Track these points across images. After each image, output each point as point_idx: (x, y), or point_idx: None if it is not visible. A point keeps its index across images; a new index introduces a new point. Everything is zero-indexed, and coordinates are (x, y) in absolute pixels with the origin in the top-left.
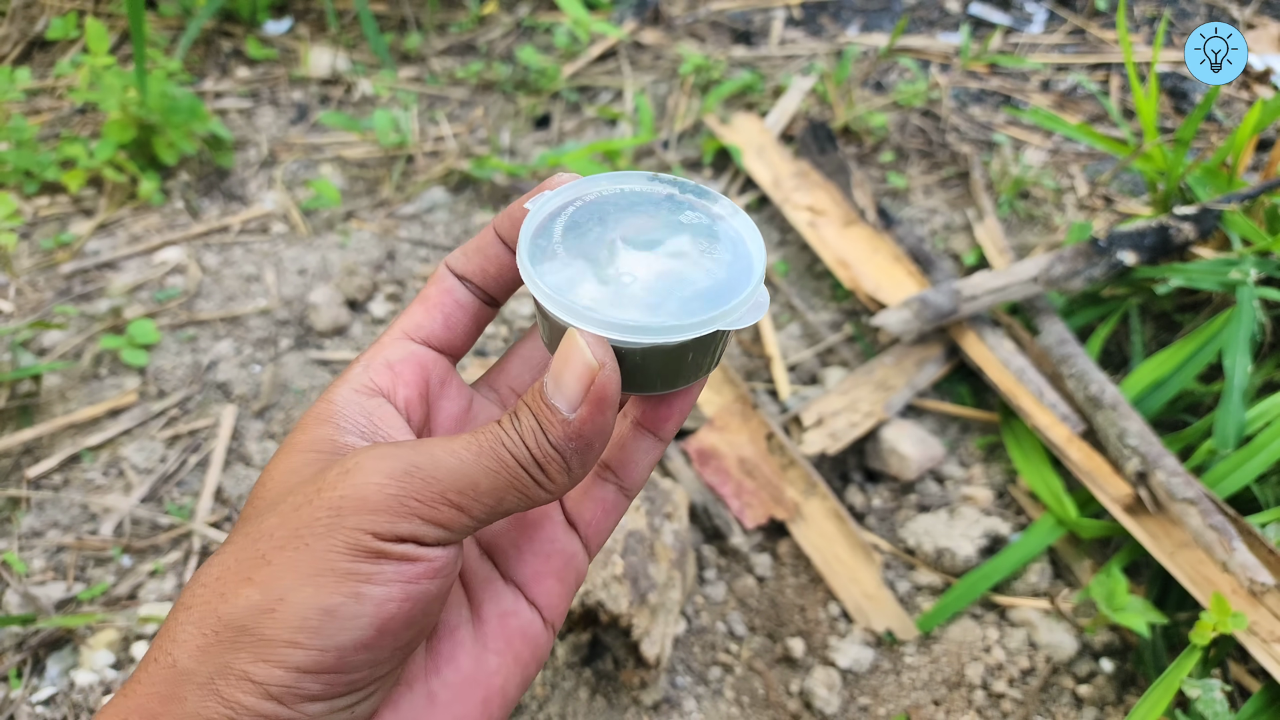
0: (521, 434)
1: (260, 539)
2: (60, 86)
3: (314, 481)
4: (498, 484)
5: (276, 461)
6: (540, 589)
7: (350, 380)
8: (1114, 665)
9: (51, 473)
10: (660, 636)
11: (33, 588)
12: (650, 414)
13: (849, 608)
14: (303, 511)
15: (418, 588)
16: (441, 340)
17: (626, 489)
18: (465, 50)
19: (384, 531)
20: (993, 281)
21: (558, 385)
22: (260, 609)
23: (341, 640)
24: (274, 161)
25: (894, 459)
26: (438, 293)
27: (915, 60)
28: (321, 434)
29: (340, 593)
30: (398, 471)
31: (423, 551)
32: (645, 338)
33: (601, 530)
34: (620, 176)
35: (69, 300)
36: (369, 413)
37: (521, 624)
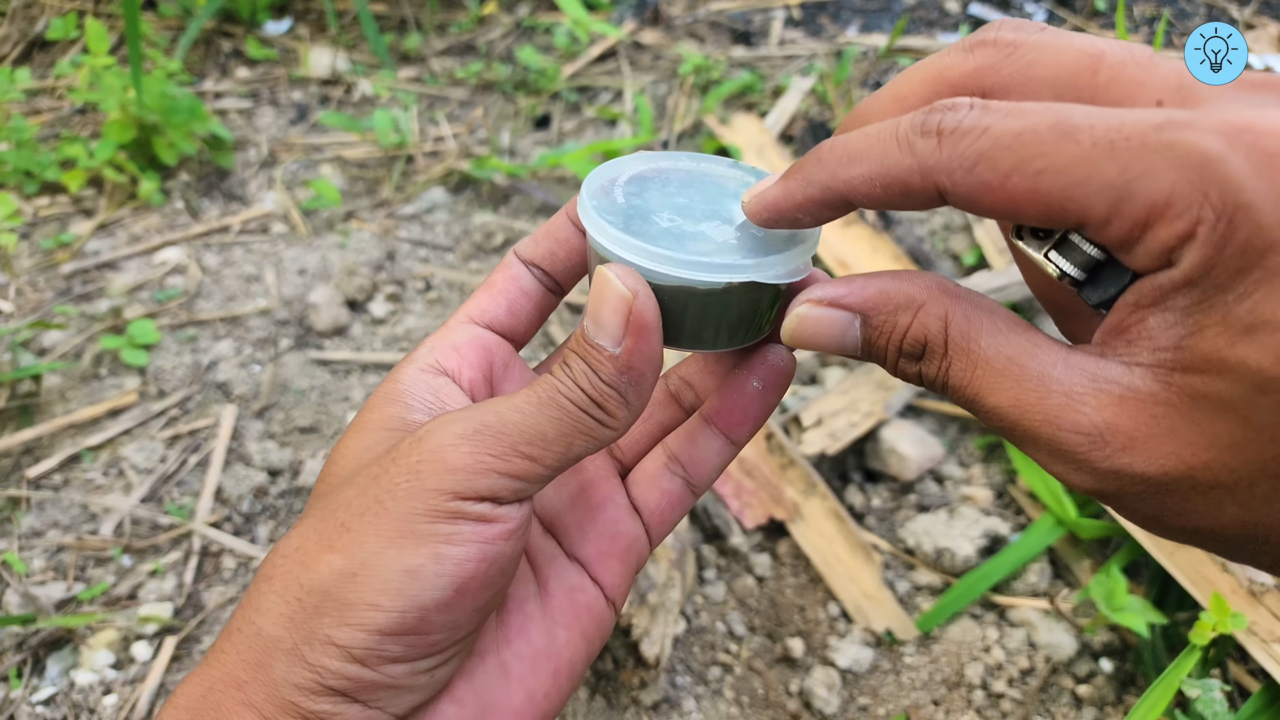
0: (575, 378)
1: (339, 509)
2: (60, 87)
3: (389, 453)
4: (564, 429)
5: (347, 440)
6: (604, 568)
7: (416, 360)
8: (1113, 665)
9: (51, 473)
10: (660, 636)
11: (33, 587)
12: (724, 414)
13: (849, 608)
14: (381, 480)
15: (494, 548)
16: (505, 326)
17: (694, 485)
18: (465, 50)
19: (464, 490)
20: (992, 282)
21: (598, 324)
22: (343, 574)
23: (423, 600)
24: (274, 162)
25: (893, 459)
26: (504, 279)
27: (915, 60)
28: (391, 412)
29: (421, 554)
30: (469, 431)
31: (498, 511)
32: (676, 270)
33: (665, 521)
34: (700, 157)
35: (69, 300)
36: (435, 390)
37: (588, 599)
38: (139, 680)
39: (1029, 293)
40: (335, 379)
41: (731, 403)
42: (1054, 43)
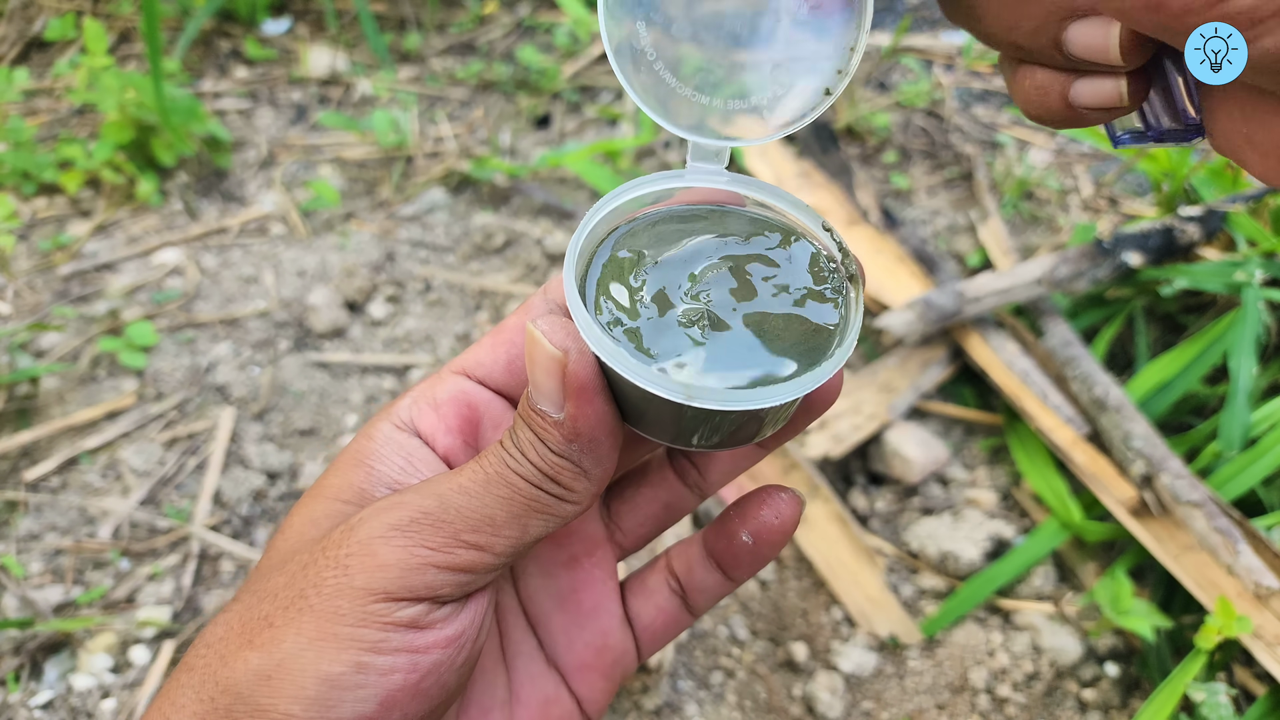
0: (523, 450)
1: (265, 598)
2: (58, 87)
3: (322, 540)
4: (516, 510)
5: (300, 508)
6: (584, 681)
7: (392, 415)
8: (1118, 669)
9: (49, 475)
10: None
11: (31, 591)
12: (723, 556)
13: (852, 612)
14: (309, 570)
15: (427, 658)
16: (500, 383)
17: (691, 609)
18: (465, 50)
19: (395, 589)
20: (997, 283)
21: (536, 387)
22: (259, 675)
23: (342, 713)
24: (273, 162)
25: (897, 462)
26: (514, 326)
27: (918, 60)
28: (350, 480)
29: (342, 661)
30: (404, 521)
31: (436, 615)
32: (643, 383)
33: (657, 638)
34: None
35: (67, 302)
36: (407, 454)
37: (562, 713)
38: (137, 684)
39: (1031, 294)
40: (334, 381)
41: (724, 548)
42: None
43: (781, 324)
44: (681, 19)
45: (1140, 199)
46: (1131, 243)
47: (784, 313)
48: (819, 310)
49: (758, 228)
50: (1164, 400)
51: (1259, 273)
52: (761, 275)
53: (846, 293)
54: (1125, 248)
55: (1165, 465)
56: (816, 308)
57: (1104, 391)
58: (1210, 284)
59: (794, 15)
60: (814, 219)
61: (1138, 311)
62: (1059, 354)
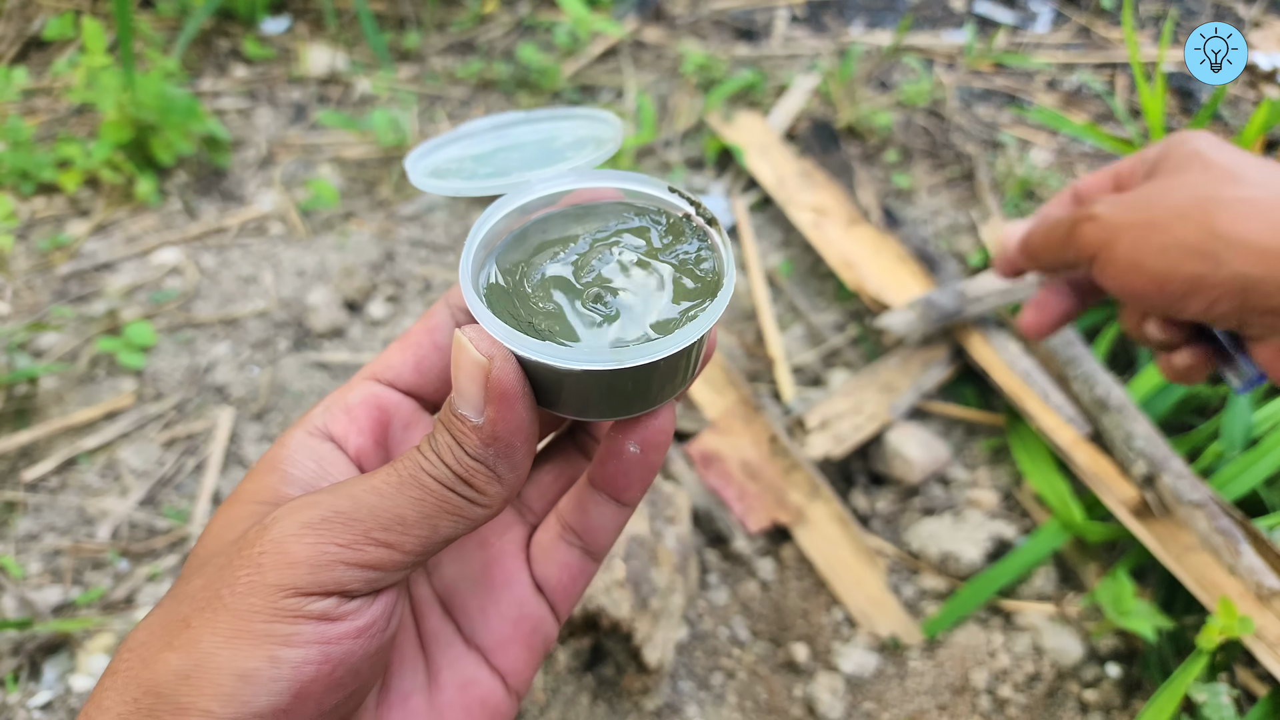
0: (439, 453)
1: (184, 601)
2: (57, 86)
3: (238, 541)
4: (426, 511)
5: (219, 514)
6: (505, 655)
7: (306, 424)
8: (1120, 670)
9: (48, 476)
10: (662, 642)
11: (29, 592)
12: (609, 481)
13: (854, 613)
14: (225, 572)
15: (339, 648)
16: (410, 384)
17: (593, 552)
18: (465, 49)
19: (305, 585)
20: (998, 283)
21: (459, 392)
22: (179, 675)
23: (257, 706)
24: (272, 162)
25: (898, 462)
26: (419, 331)
27: (920, 59)
28: (267, 484)
29: (256, 656)
30: (316, 519)
31: (346, 608)
32: (548, 358)
33: (569, 594)
34: (641, 180)
35: (66, 302)
36: (319, 459)
37: (483, 693)
38: None
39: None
40: (334, 381)
41: (614, 468)
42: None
43: (668, 282)
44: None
45: None
46: None
47: (667, 273)
48: (694, 261)
49: (620, 210)
50: (1166, 400)
51: None
52: (634, 247)
53: (710, 238)
54: None
55: (1167, 465)
56: (691, 261)
57: (1105, 391)
58: None
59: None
60: (660, 187)
61: None
62: (1060, 354)
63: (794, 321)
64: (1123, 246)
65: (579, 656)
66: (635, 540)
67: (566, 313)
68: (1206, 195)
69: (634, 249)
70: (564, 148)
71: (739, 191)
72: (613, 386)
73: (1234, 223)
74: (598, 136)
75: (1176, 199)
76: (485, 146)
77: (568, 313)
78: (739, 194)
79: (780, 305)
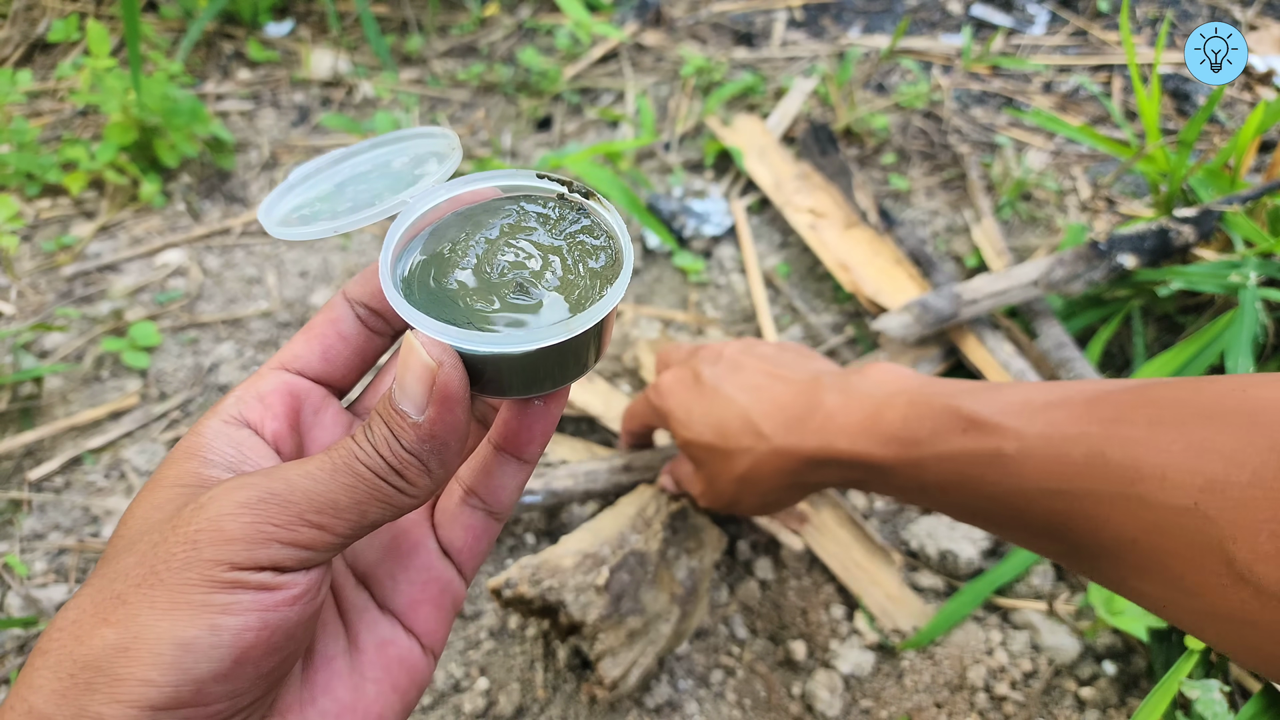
0: (375, 444)
1: (116, 579)
2: (62, 89)
3: (171, 519)
4: (358, 497)
5: (140, 499)
6: (418, 617)
7: (219, 413)
8: (1116, 668)
9: (53, 475)
10: (628, 662)
11: (34, 590)
12: (510, 437)
13: (874, 611)
14: (159, 549)
15: (277, 615)
16: (318, 372)
17: (496, 513)
18: (467, 52)
19: (242, 561)
20: (994, 285)
21: (403, 390)
22: (116, 648)
23: (198, 673)
24: (275, 163)
25: None
26: (323, 322)
27: (917, 62)
28: (187, 468)
29: (196, 625)
30: (252, 500)
31: (282, 579)
32: (485, 346)
33: (475, 554)
34: (511, 174)
35: (70, 303)
36: (237, 444)
37: (400, 652)
38: None
39: (1027, 296)
40: None
41: (518, 425)
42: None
43: (569, 259)
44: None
45: (1139, 200)
46: (1126, 245)
47: (565, 250)
48: (585, 236)
49: (501, 206)
50: None
51: (1254, 274)
52: (527, 236)
53: (593, 211)
54: (1120, 250)
55: None
56: (582, 235)
57: None
58: (1207, 285)
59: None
60: (529, 176)
61: (1135, 311)
62: (1053, 356)
63: (792, 323)
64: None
65: (580, 654)
66: (635, 555)
67: (482, 305)
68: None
69: (527, 236)
70: (406, 167)
71: (738, 194)
72: (530, 366)
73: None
74: (434, 152)
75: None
76: (324, 188)
77: (483, 304)
78: (737, 196)
79: (779, 306)
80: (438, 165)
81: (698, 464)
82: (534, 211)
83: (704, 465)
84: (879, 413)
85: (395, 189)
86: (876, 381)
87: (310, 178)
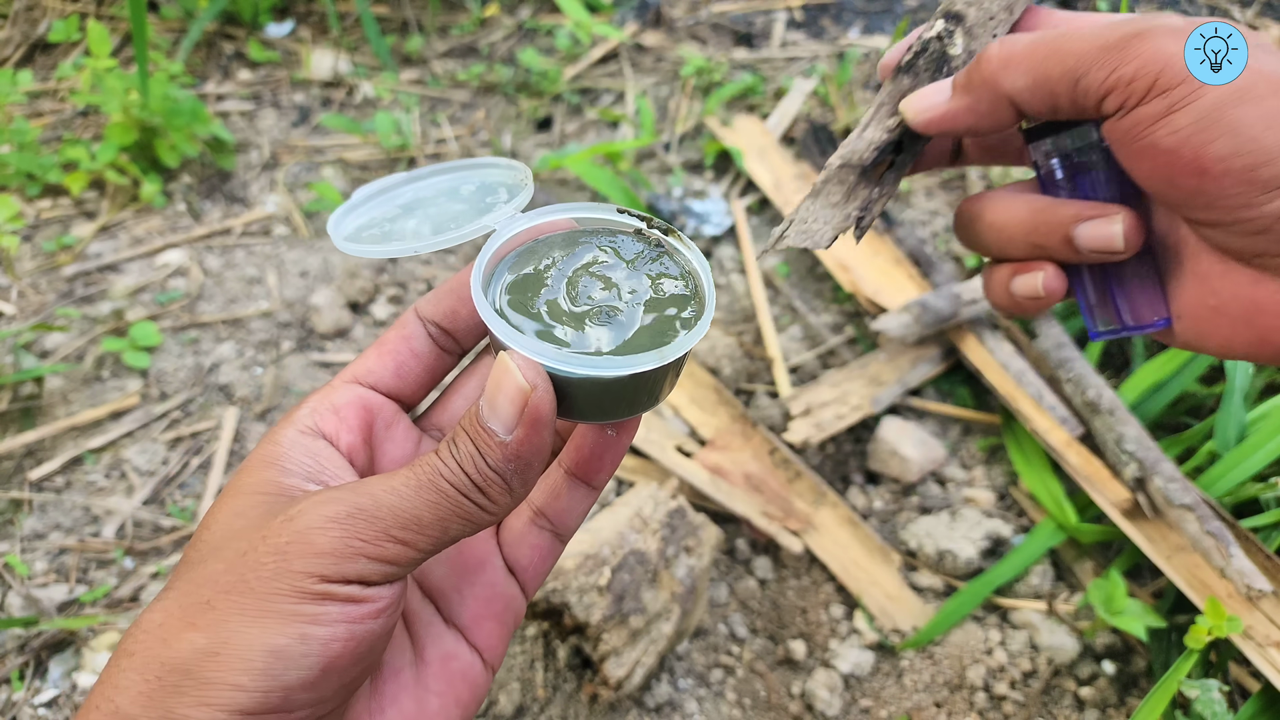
0: (460, 460)
1: (204, 584)
2: (62, 89)
3: (259, 528)
4: (440, 514)
5: (221, 505)
6: (481, 632)
7: (295, 422)
8: (1116, 667)
9: (54, 475)
10: (632, 662)
11: (35, 590)
12: (582, 464)
13: (873, 611)
14: (248, 557)
15: (363, 627)
16: (390, 387)
17: (561, 535)
18: (467, 52)
19: (331, 574)
20: None
21: (493, 409)
22: (204, 653)
23: (287, 680)
24: (276, 164)
25: (895, 461)
26: (395, 339)
27: None
28: (266, 476)
29: (286, 634)
30: (341, 514)
31: (368, 592)
32: (579, 368)
33: (538, 574)
34: (592, 208)
35: (71, 303)
36: (314, 454)
37: (463, 666)
38: None
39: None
40: None
41: (590, 452)
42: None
43: (653, 290)
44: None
45: None
46: None
47: (644, 283)
48: (665, 270)
49: (580, 238)
50: (1160, 400)
51: None
52: (608, 269)
53: (670, 248)
54: None
55: (1158, 468)
56: (661, 270)
57: (1097, 394)
58: None
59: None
60: (609, 210)
61: None
62: (1052, 356)
63: (792, 323)
64: (1208, 99)
65: (580, 653)
66: (636, 555)
67: (564, 331)
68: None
69: (608, 269)
70: (475, 195)
71: (737, 194)
72: (616, 392)
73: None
74: (503, 182)
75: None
76: (388, 209)
77: (566, 331)
78: (737, 196)
79: (778, 306)
80: (508, 194)
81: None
82: (613, 245)
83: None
84: None
85: (469, 215)
86: None
87: (373, 198)
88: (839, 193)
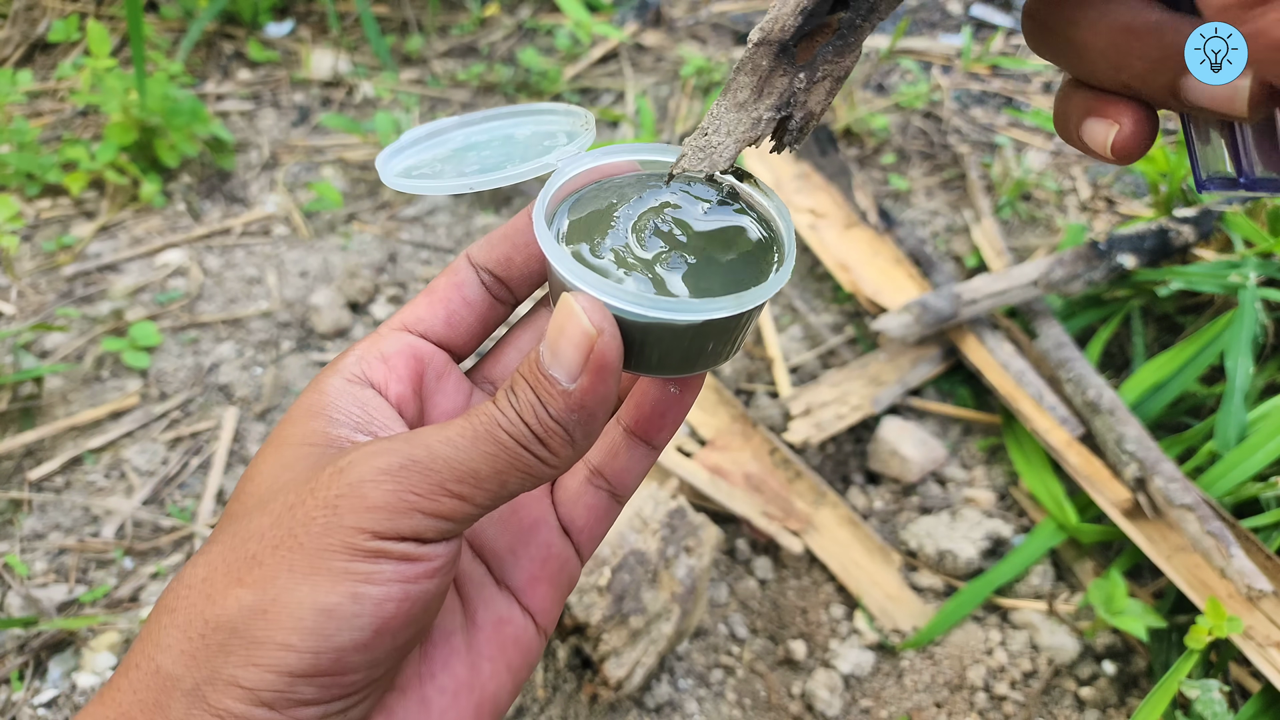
0: (519, 410)
1: (250, 539)
2: (62, 89)
3: (308, 480)
4: (499, 467)
5: (265, 456)
6: (534, 594)
7: (342, 370)
8: (1116, 667)
9: (53, 475)
10: (632, 662)
11: (34, 590)
12: (643, 422)
13: (873, 611)
14: (297, 511)
15: (417, 587)
16: (441, 336)
17: (619, 495)
18: (467, 52)
19: (384, 530)
20: (993, 285)
21: (555, 355)
22: (252, 610)
23: (339, 641)
24: (275, 164)
25: (895, 461)
26: (446, 285)
27: (917, 62)
28: (314, 427)
29: (338, 592)
30: (394, 466)
31: (423, 550)
32: (651, 310)
33: (594, 536)
34: (660, 149)
35: (71, 303)
36: (362, 403)
37: (515, 631)
38: None
39: (1027, 296)
40: None
41: (652, 410)
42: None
43: (725, 236)
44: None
45: (1138, 200)
46: (1126, 245)
47: (720, 226)
48: (743, 214)
49: (647, 181)
50: (1161, 400)
51: (1254, 274)
52: (677, 213)
53: (744, 193)
54: (1120, 250)
55: (1158, 469)
56: (738, 213)
57: (1097, 394)
58: (1206, 285)
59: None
60: (674, 152)
61: (1134, 311)
62: (1052, 356)
63: (792, 322)
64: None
65: (580, 653)
66: (635, 555)
67: (632, 277)
68: None
69: (677, 212)
70: (532, 140)
71: None
72: (688, 341)
73: None
74: (564, 129)
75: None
76: (439, 151)
77: (634, 277)
78: None
79: (778, 306)
80: (568, 140)
81: None
82: (685, 189)
83: None
84: None
85: (525, 157)
86: None
87: (421, 141)
88: (748, 86)
